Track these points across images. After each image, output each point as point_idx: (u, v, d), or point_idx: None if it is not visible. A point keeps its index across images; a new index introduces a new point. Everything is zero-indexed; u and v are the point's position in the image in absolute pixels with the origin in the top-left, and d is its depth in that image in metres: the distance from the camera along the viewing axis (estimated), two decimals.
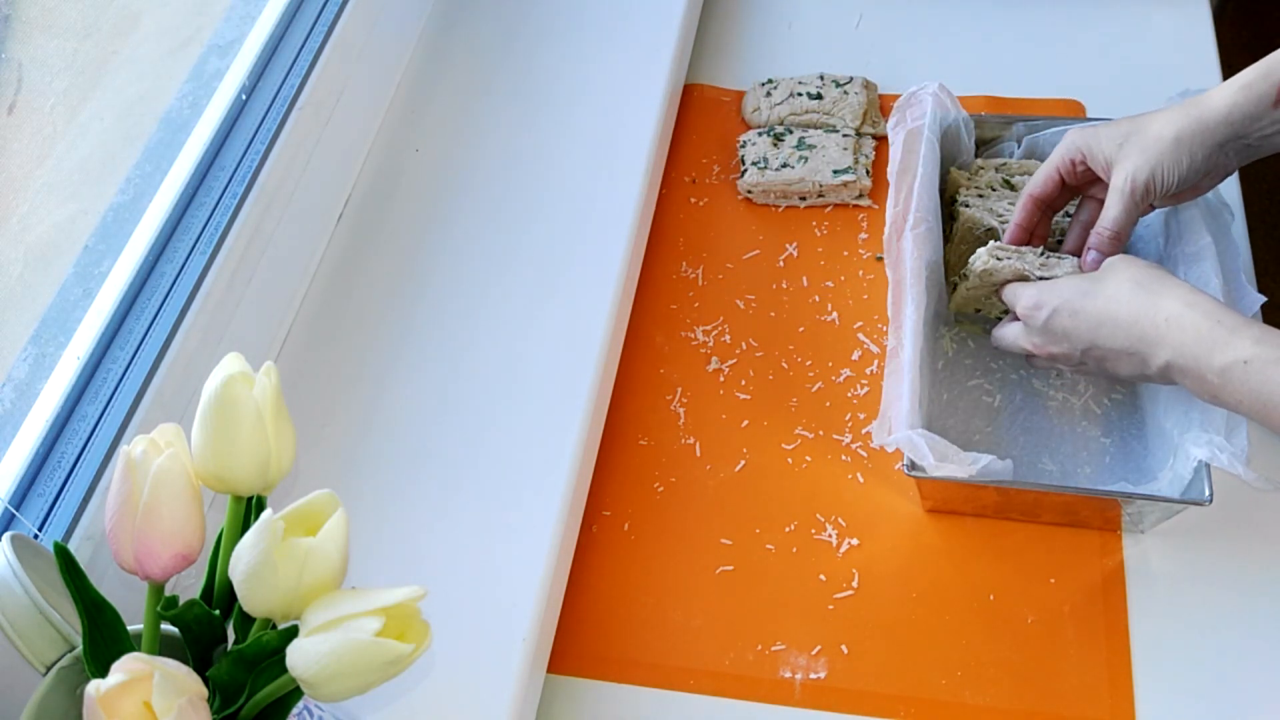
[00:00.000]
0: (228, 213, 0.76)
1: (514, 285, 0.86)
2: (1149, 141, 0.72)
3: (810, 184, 0.94)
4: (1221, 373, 0.62)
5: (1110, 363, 0.69)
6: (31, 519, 0.63)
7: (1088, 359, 0.71)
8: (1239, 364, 0.61)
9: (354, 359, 0.83)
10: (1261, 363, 0.60)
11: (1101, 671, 0.72)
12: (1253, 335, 0.61)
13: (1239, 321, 0.62)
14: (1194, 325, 0.63)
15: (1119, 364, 0.69)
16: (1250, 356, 0.61)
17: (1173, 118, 0.72)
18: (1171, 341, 0.64)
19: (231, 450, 0.49)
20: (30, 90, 0.66)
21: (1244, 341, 0.61)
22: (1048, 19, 1.06)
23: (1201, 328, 0.63)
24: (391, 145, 0.96)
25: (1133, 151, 0.72)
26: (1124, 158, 0.73)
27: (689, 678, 0.74)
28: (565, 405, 0.79)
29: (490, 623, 0.69)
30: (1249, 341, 0.61)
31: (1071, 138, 0.76)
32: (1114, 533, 0.77)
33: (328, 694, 0.45)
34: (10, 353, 0.65)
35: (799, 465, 0.82)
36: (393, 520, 0.74)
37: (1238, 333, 0.62)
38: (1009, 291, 0.76)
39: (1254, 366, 0.61)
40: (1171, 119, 0.72)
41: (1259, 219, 0.82)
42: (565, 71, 0.99)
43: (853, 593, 0.76)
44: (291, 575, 0.45)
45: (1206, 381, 0.63)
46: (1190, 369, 0.64)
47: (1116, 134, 0.73)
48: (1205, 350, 0.62)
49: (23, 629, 0.49)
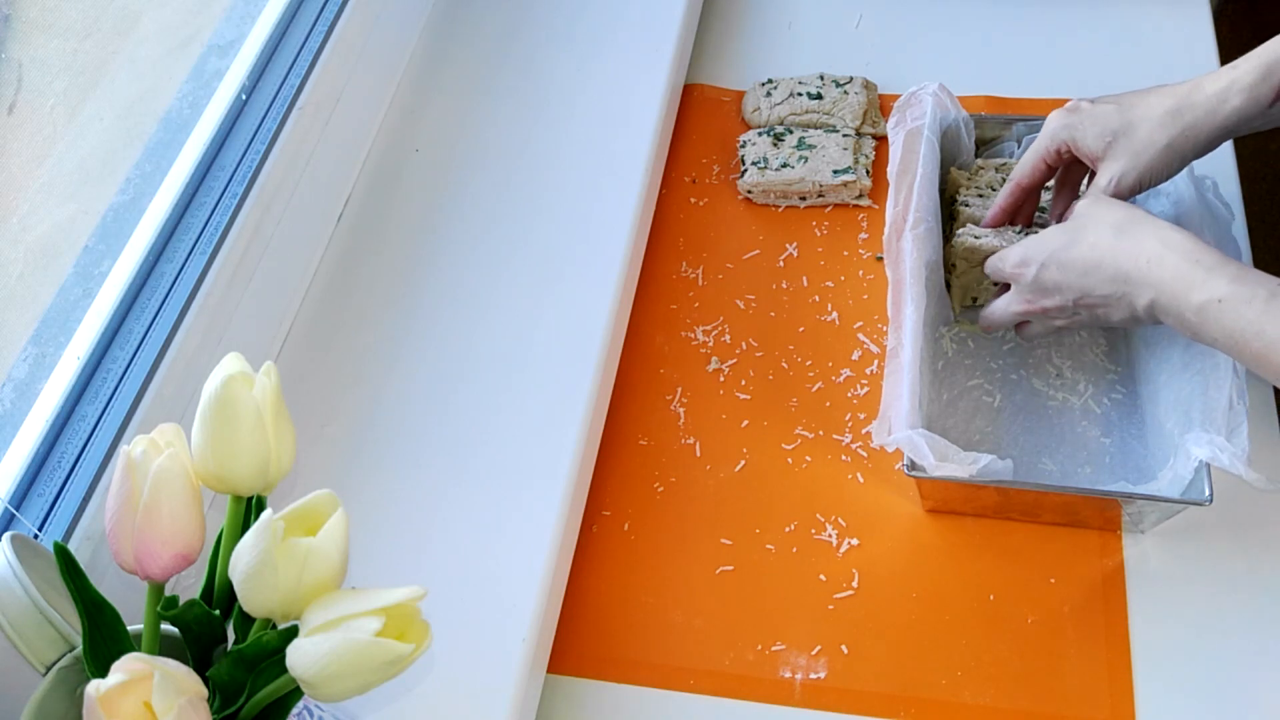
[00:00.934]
0: (228, 213, 0.76)
1: (514, 285, 0.86)
2: (1139, 146, 0.72)
3: (810, 184, 0.94)
4: (1198, 310, 0.64)
5: (1101, 309, 0.71)
6: (31, 519, 0.63)
7: (1080, 308, 0.72)
8: (1214, 302, 0.63)
9: (354, 359, 0.83)
10: (1235, 301, 0.62)
11: (1101, 671, 0.72)
12: (1229, 274, 0.63)
13: (1216, 260, 0.64)
14: (1173, 265, 0.65)
15: (1110, 309, 0.70)
16: (1225, 295, 0.63)
17: (1164, 122, 0.71)
18: (1153, 281, 0.66)
19: (231, 450, 0.49)
20: (30, 90, 0.66)
21: (1220, 280, 0.63)
22: (1048, 19, 1.06)
23: (1180, 267, 0.65)
24: (391, 145, 0.96)
25: (1121, 153, 0.72)
26: (1112, 157, 0.73)
27: (689, 678, 0.74)
28: (565, 405, 0.79)
29: (490, 623, 0.69)
30: (1224, 280, 0.63)
31: (1056, 127, 0.76)
32: (1114, 533, 0.77)
33: (328, 694, 0.45)
34: (10, 353, 0.65)
35: (799, 465, 0.82)
36: (393, 520, 0.74)
37: (1214, 271, 0.64)
38: (992, 260, 0.77)
39: (1228, 305, 0.63)
40: (1163, 124, 0.71)
41: (1259, 219, 0.82)
42: (565, 71, 0.99)
43: (853, 593, 0.76)
44: (291, 575, 0.45)
45: (1186, 320, 0.65)
46: (1171, 308, 0.66)
47: (1104, 129, 0.73)
48: (1184, 289, 0.64)
49: (23, 629, 0.49)
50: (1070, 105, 0.76)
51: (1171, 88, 0.73)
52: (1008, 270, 0.75)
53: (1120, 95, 0.75)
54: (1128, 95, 0.74)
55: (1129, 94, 0.74)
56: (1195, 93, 0.71)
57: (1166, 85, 0.73)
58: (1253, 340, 0.62)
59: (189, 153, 0.78)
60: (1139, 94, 0.74)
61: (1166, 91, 0.73)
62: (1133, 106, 0.73)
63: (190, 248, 0.74)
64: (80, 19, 0.71)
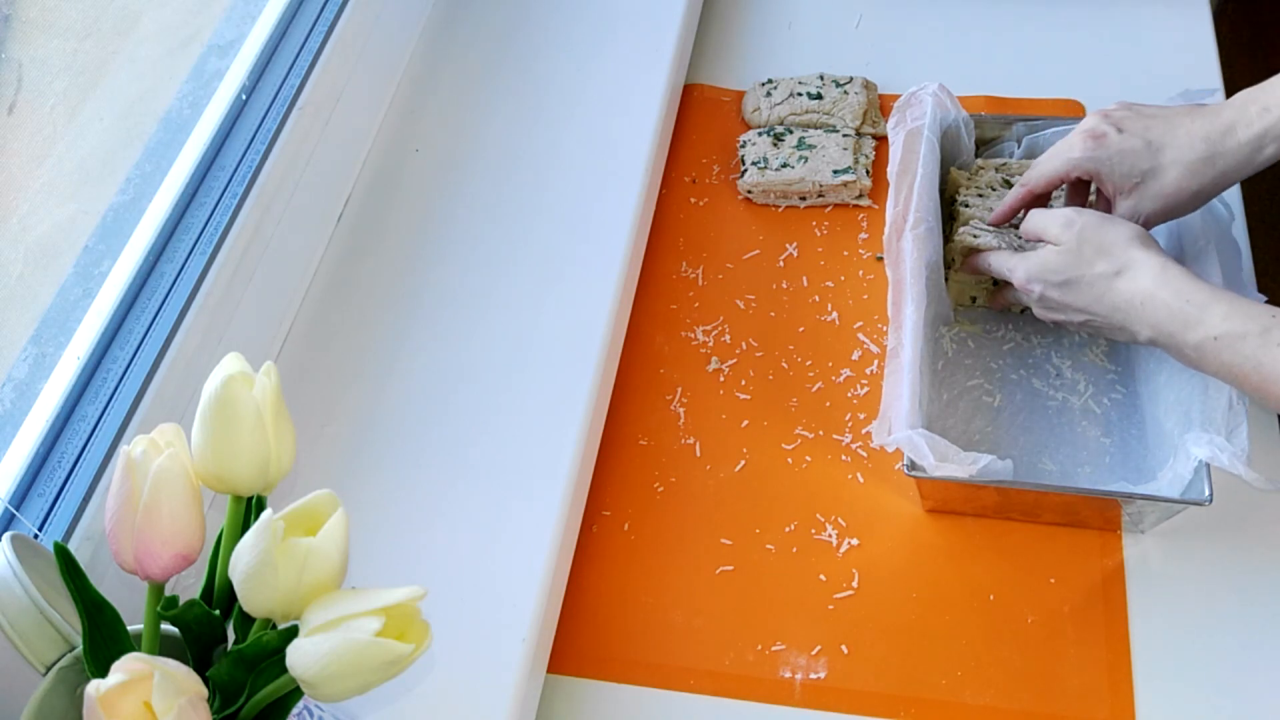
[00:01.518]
0: (228, 213, 0.76)
1: (514, 285, 0.86)
2: (1168, 190, 0.71)
3: (810, 184, 0.94)
4: (1196, 348, 0.65)
5: (1106, 332, 0.72)
6: (31, 519, 0.63)
7: (1087, 327, 0.73)
8: (1209, 340, 0.65)
9: (354, 359, 0.83)
10: (1230, 338, 0.64)
11: (1101, 671, 0.72)
12: (1220, 312, 0.64)
13: (1207, 298, 0.65)
14: (1165, 305, 0.66)
15: (1114, 334, 0.72)
16: (1219, 333, 0.64)
17: (1196, 170, 0.70)
18: (1149, 320, 0.67)
19: (231, 450, 0.49)
20: (30, 90, 0.66)
21: (1213, 318, 0.64)
22: (1048, 19, 1.06)
23: (1173, 306, 0.66)
24: (391, 145, 0.96)
25: (1148, 195, 0.72)
26: (1138, 196, 0.72)
27: (689, 678, 0.74)
28: (565, 405, 0.79)
29: (490, 623, 0.69)
30: (1217, 318, 0.64)
31: (1080, 158, 0.73)
32: (1114, 533, 0.77)
33: (328, 694, 0.45)
34: (10, 353, 0.65)
35: (799, 465, 0.82)
36: (393, 520, 0.74)
37: (1206, 309, 0.65)
38: (998, 259, 0.77)
39: (1223, 342, 0.64)
40: (1194, 171, 0.70)
41: (1259, 219, 0.82)
42: (565, 71, 0.99)
43: (853, 593, 0.76)
44: (291, 575, 0.45)
45: (1185, 355, 0.67)
46: (1169, 344, 0.67)
47: (1132, 169, 0.72)
48: (1179, 328, 0.66)
49: (23, 629, 0.49)
50: (1096, 131, 0.73)
51: (1202, 122, 0.71)
52: (1016, 283, 0.75)
53: (1148, 122, 0.72)
54: (1156, 125, 0.72)
55: (1157, 122, 0.72)
56: (1228, 137, 0.70)
57: (1195, 115, 0.71)
58: (1251, 374, 0.64)
59: (189, 153, 0.78)
60: (1167, 125, 0.72)
61: (1197, 129, 0.71)
62: (1163, 148, 0.71)
63: (190, 248, 0.74)
64: (80, 19, 0.71)
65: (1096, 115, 0.74)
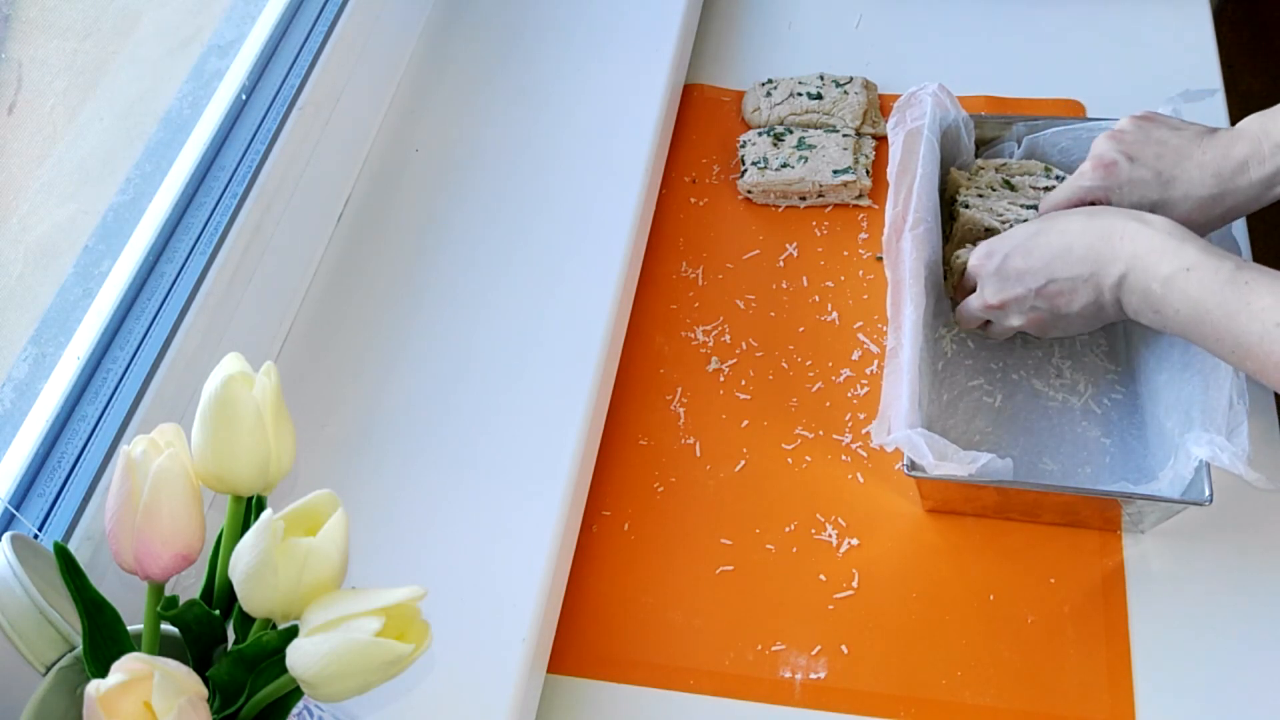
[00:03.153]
0: (228, 213, 0.76)
1: (514, 285, 0.86)
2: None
3: (810, 184, 0.94)
4: (1165, 281, 0.64)
5: (1065, 297, 0.70)
6: (31, 519, 0.63)
7: (1040, 299, 0.72)
8: (1182, 271, 0.64)
9: (354, 359, 0.83)
10: (1203, 270, 0.63)
11: (1101, 671, 0.72)
12: (1199, 245, 0.64)
13: (1188, 235, 0.65)
14: (1147, 236, 0.66)
15: (1074, 295, 0.70)
16: (1193, 263, 0.63)
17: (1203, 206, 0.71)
18: (1125, 253, 0.66)
19: (231, 450, 0.49)
20: (30, 90, 0.66)
21: (1190, 249, 0.64)
22: (1048, 19, 1.06)
23: (1155, 239, 0.65)
24: (391, 145, 0.96)
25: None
26: None
27: (689, 678, 0.74)
28: (565, 405, 0.79)
29: (490, 623, 0.69)
30: (1195, 249, 0.64)
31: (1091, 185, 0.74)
32: (1114, 533, 0.77)
33: (328, 694, 0.45)
34: (10, 353, 0.65)
35: (799, 465, 0.82)
36: (393, 520, 0.75)
37: (1186, 242, 0.65)
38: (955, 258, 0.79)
39: (1195, 273, 0.63)
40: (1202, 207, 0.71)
41: (1259, 219, 0.82)
42: (565, 71, 0.99)
43: (853, 593, 0.76)
44: (291, 575, 0.45)
45: (1151, 292, 0.65)
46: (1139, 281, 0.66)
47: (1140, 200, 0.72)
48: (1155, 259, 0.65)
49: (23, 629, 0.49)
50: (1106, 159, 0.73)
51: (1214, 155, 0.71)
52: (971, 263, 0.76)
53: (1160, 149, 0.72)
54: (1167, 155, 0.72)
55: (1169, 151, 0.72)
56: (1239, 176, 0.70)
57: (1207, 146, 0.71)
58: (1214, 309, 0.62)
59: (189, 153, 0.78)
60: (1178, 156, 0.72)
61: (1209, 163, 0.71)
62: (1173, 182, 0.72)
63: (190, 248, 0.74)
64: (80, 19, 0.71)
65: (1108, 139, 0.75)
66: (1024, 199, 0.85)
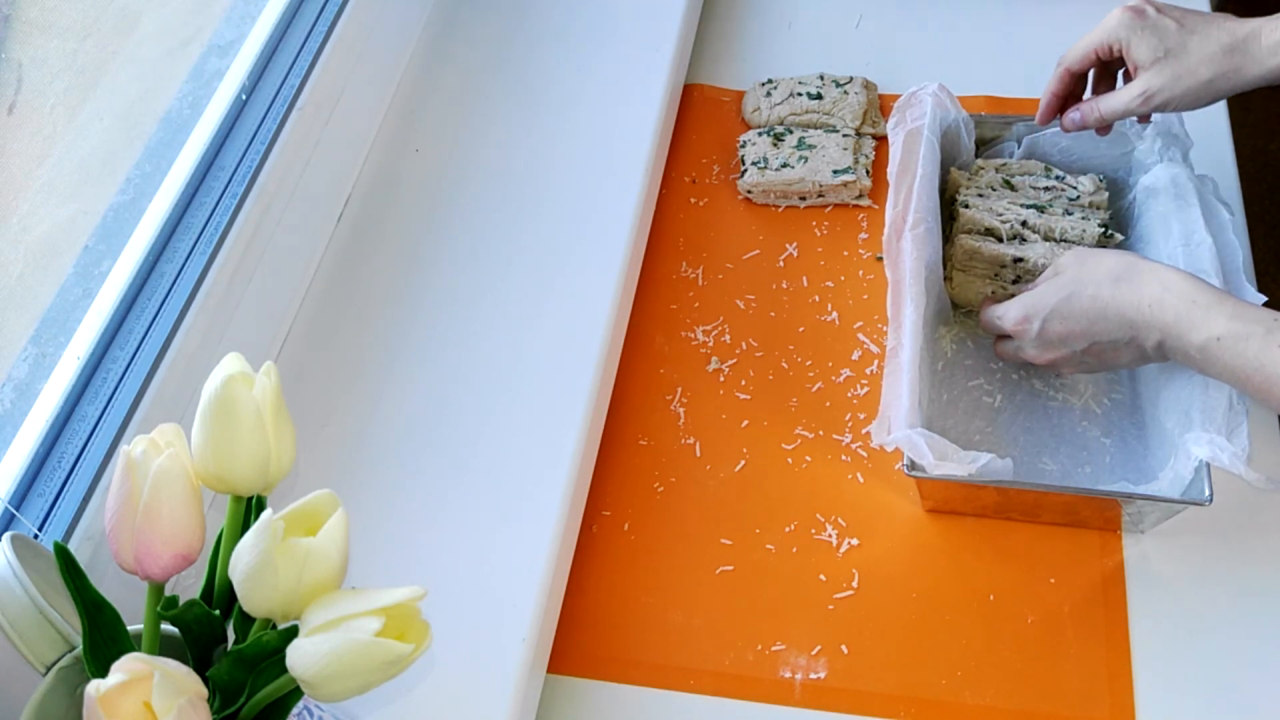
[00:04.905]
0: (228, 213, 0.76)
1: (514, 285, 0.86)
2: (1182, 72, 0.74)
3: (810, 184, 0.94)
4: (1201, 349, 0.66)
5: (1110, 354, 0.72)
6: (31, 519, 0.63)
7: (1088, 356, 0.73)
8: (1213, 341, 0.66)
9: (354, 359, 0.83)
10: (1233, 339, 0.65)
11: (1101, 671, 0.72)
12: (1225, 312, 0.66)
13: (1213, 299, 0.66)
14: (1173, 308, 0.67)
15: (1119, 354, 0.72)
16: (1223, 334, 0.65)
17: (1215, 58, 0.73)
18: (1157, 324, 0.68)
19: (231, 450, 0.49)
20: (30, 90, 0.66)
21: (1218, 319, 0.66)
22: (1048, 19, 1.06)
23: (1180, 309, 0.67)
24: (391, 145, 0.96)
25: (1164, 72, 0.74)
26: (1154, 72, 0.75)
27: (689, 678, 0.74)
28: (565, 405, 0.79)
29: (490, 623, 0.69)
30: (1222, 319, 0.65)
31: (1115, 25, 0.77)
32: (1114, 533, 0.77)
33: (328, 694, 0.45)
34: (10, 353, 0.65)
35: (799, 465, 0.82)
36: (393, 520, 0.74)
37: (1211, 310, 0.66)
38: (988, 315, 0.78)
39: (1226, 343, 0.65)
40: (1213, 60, 0.73)
41: (1259, 219, 0.82)
42: (565, 71, 0.99)
43: (853, 593, 0.76)
44: (291, 575, 0.45)
45: (1191, 357, 0.68)
46: (1176, 347, 0.68)
47: (1158, 43, 0.74)
48: (1185, 330, 0.67)
49: (23, 629, 0.49)
50: (1137, 6, 0.77)
51: (1233, 24, 0.74)
52: (1009, 328, 0.76)
53: (1184, 13, 0.76)
54: (1191, 17, 0.75)
55: (1192, 15, 0.76)
56: (1252, 40, 0.73)
57: (1230, 19, 0.74)
58: (1254, 375, 0.64)
59: (189, 153, 0.78)
60: (1203, 18, 0.75)
61: (1229, 27, 0.74)
62: (1192, 31, 0.75)
63: (190, 248, 0.74)
64: (80, 19, 0.71)
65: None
66: (1024, 199, 0.85)
